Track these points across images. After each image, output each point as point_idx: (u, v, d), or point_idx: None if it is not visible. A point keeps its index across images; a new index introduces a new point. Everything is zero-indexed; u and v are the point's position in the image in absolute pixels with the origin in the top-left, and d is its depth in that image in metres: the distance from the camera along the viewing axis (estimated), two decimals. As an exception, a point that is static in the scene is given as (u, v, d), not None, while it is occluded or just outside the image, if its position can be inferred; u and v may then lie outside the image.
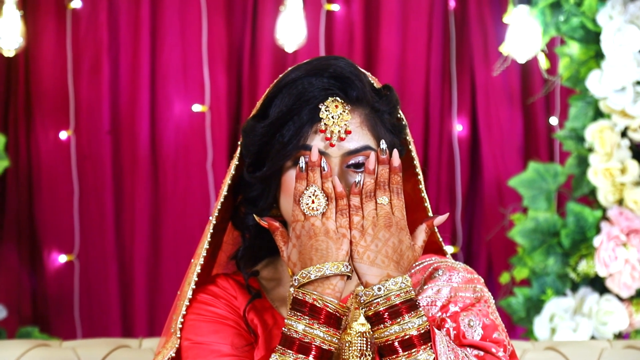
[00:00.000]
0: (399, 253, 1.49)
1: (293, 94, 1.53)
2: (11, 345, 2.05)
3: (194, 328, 1.62)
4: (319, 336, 1.45)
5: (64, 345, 2.11)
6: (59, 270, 3.50)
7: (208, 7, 3.49)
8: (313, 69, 1.54)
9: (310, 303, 1.45)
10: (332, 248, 1.47)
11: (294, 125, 1.52)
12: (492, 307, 1.62)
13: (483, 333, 1.56)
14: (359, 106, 1.55)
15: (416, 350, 1.44)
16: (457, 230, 3.58)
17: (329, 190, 1.49)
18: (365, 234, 1.48)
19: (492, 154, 3.55)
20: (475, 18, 3.53)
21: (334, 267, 1.46)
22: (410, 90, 3.57)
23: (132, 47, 3.50)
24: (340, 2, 3.55)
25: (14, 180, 3.48)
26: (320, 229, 1.47)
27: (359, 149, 1.54)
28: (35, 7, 3.45)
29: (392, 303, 1.45)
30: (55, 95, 3.49)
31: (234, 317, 1.64)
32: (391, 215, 1.49)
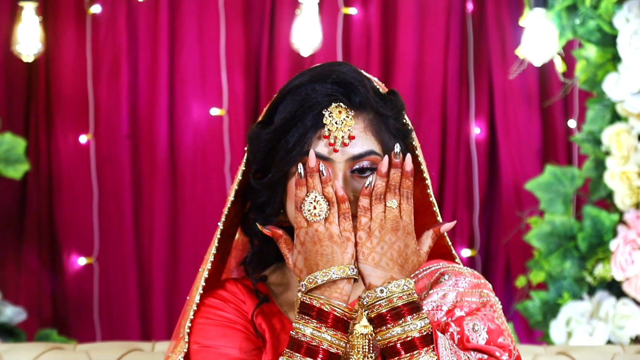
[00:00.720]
0: (404, 257, 1.50)
1: (297, 100, 1.54)
2: (25, 348, 2.08)
3: (202, 332, 1.64)
4: (327, 339, 1.46)
5: (78, 348, 2.14)
6: (78, 273, 3.53)
7: (226, 11, 3.51)
8: (316, 75, 1.55)
9: (317, 307, 1.47)
10: (338, 252, 1.48)
11: (298, 132, 1.53)
12: (498, 312, 1.62)
13: (488, 337, 1.56)
14: (362, 111, 1.56)
15: (418, 352, 1.46)
16: (475, 233, 3.58)
17: (330, 194, 1.50)
18: (371, 235, 1.50)
19: (509, 157, 3.54)
20: (492, 21, 3.52)
21: (340, 271, 1.48)
22: (428, 93, 3.57)
23: (150, 51, 3.53)
24: (358, 5, 3.56)
25: (34, 183, 3.52)
26: (324, 234, 1.48)
27: (363, 154, 1.54)
28: (55, 13, 3.49)
29: (394, 305, 1.46)
30: (75, 99, 3.52)
31: (243, 322, 1.65)
32: (399, 219, 1.50)
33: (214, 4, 3.52)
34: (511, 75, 3.28)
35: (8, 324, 3.14)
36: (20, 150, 3.32)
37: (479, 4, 3.56)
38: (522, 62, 3.18)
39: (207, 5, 3.53)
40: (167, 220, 3.54)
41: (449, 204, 3.56)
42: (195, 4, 3.53)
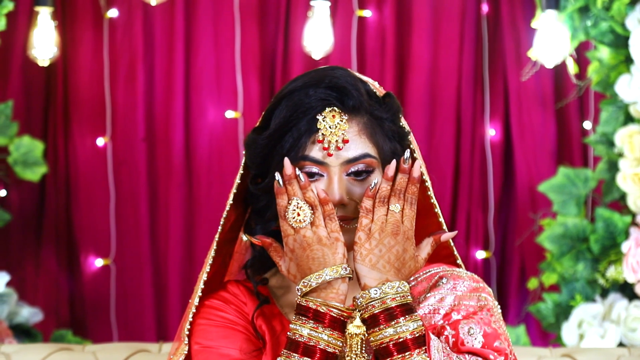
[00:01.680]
0: (402, 261, 1.52)
1: (291, 105, 1.56)
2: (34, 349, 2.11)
3: (204, 332, 1.66)
4: (324, 339, 1.49)
5: (86, 349, 2.17)
6: (95, 274, 3.57)
7: (241, 14, 3.54)
8: (310, 80, 1.57)
9: (313, 309, 1.49)
10: (328, 254, 1.50)
11: (292, 136, 1.55)
12: (495, 316, 1.63)
13: (484, 341, 1.57)
14: (356, 115, 1.57)
15: (410, 353, 1.48)
16: (490, 235, 3.57)
17: (312, 199, 1.52)
18: (371, 237, 1.52)
19: (524, 158, 3.54)
20: (507, 22, 3.52)
21: (333, 272, 1.50)
22: (442, 95, 3.57)
23: (166, 54, 3.56)
24: (372, 8, 3.57)
25: (52, 186, 3.56)
26: (312, 238, 1.50)
27: (357, 157, 1.56)
28: (73, 17, 3.53)
29: (387, 306, 1.48)
30: (93, 102, 3.56)
31: (243, 323, 1.67)
32: (400, 224, 1.52)
33: (229, 7, 3.54)
34: (523, 77, 3.27)
35: (24, 325, 3.18)
36: (38, 153, 3.36)
37: (494, 5, 3.56)
38: (534, 64, 3.18)
39: (223, 8, 3.55)
40: (182, 222, 3.57)
41: (463, 205, 3.56)
42: (211, 7, 3.55)
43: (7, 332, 3.03)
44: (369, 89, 1.62)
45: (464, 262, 3.49)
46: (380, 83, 3.57)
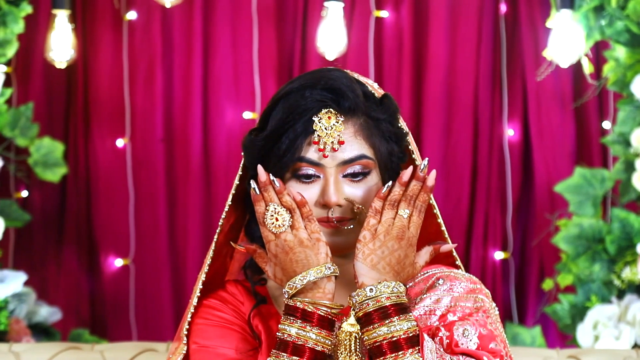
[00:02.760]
0: (401, 265, 1.53)
1: (287, 107, 1.57)
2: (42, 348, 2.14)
3: (201, 332, 1.68)
4: (312, 338, 1.50)
5: (95, 348, 2.19)
6: (115, 274, 3.60)
7: (259, 16, 3.56)
8: (307, 81, 1.58)
9: (301, 308, 1.50)
10: (311, 255, 1.51)
11: (289, 138, 1.56)
12: (492, 318, 1.62)
13: (479, 343, 1.56)
14: (352, 116, 1.57)
15: (403, 352, 1.48)
16: (508, 236, 3.56)
17: (289, 203, 1.53)
18: (376, 238, 1.52)
19: (543, 159, 3.52)
20: (526, 22, 3.50)
21: (317, 272, 1.51)
22: (460, 95, 3.56)
23: (185, 56, 3.59)
24: (389, 8, 3.57)
25: (73, 187, 3.60)
26: (293, 241, 1.52)
27: (353, 159, 1.57)
28: (93, 20, 3.57)
29: (381, 305, 1.49)
30: (112, 104, 3.60)
31: (240, 322, 1.68)
32: (406, 229, 1.53)
33: (247, 9, 3.56)
34: (539, 77, 3.26)
35: (43, 324, 3.22)
36: (58, 154, 3.40)
37: (512, 5, 3.54)
38: (550, 64, 3.16)
39: (241, 10, 3.57)
40: (201, 223, 3.59)
41: (481, 206, 3.55)
42: (229, 9, 3.58)
43: (26, 331, 3.07)
44: (366, 90, 1.62)
45: (482, 262, 3.51)
46: (397, 83, 3.61)
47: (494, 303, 1.68)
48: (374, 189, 1.58)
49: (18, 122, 3.34)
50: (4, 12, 3.05)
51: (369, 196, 1.58)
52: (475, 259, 3.53)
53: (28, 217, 3.36)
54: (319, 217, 1.57)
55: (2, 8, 3.05)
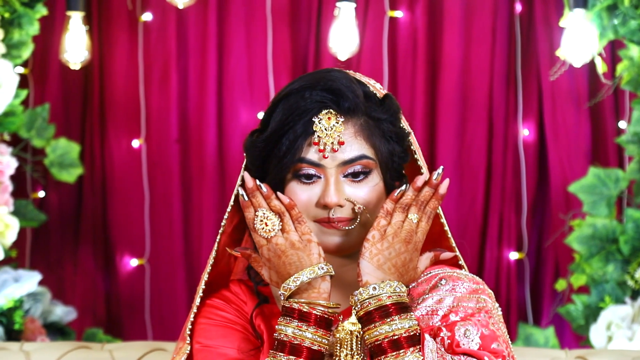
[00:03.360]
0: (405, 269, 1.54)
1: (287, 108, 1.58)
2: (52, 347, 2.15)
3: (204, 332, 1.69)
4: (308, 337, 1.51)
5: (105, 347, 2.21)
6: (130, 274, 3.62)
7: (273, 17, 3.56)
8: (307, 82, 1.58)
9: (297, 309, 1.51)
10: (303, 256, 1.53)
11: (289, 139, 1.56)
12: (494, 318, 1.62)
13: (481, 343, 1.56)
14: (352, 116, 1.58)
15: (404, 351, 1.49)
16: (523, 236, 3.55)
17: (277, 207, 1.55)
18: (384, 238, 1.53)
19: (558, 158, 3.51)
20: (541, 22, 3.49)
21: (310, 272, 1.52)
22: (474, 95, 3.56)
23: (199, 57, 3.60)
24: (404, 8, 3.57)
25: (89, 187, 3.63)
26: (284, 244, 1.53)
27: (354, 159, 1.57)
28: (109, 21, 3.59)
29: (382, 303, 1.50)
30: (128, 105, 3.62)
31: (242, 322, 1.69)
32: (414, 234, 1.55)
33: (262, 9, 3.57)
34: (552, 76, 3.25)
35: (58, 323, 3.25)
36: (74, 154, 3.43)
37: (527, 4, 3.53)
38: (563, 64, 3.15)
39: (255, 11, 3.58)
40: (215, 223, 3.61)
41: (495, 206, 3.54)
42: (243, 10, 3.59)
43: (40, 331, 3.10)
44: (367, 91, 1.62)
45: (497, 263, 3.50)
46: (412, 83, 3.60)
47: (497, 303, 1.68)
48: (375, 189, 1.59)
49: (34, 123, 3.37)
50: (19, 14, 3.08)
51: (370, 196, 1.59)
52: (490, 259, 3.52)
53: (44, 217, 3.38)
54: (319, 217, 1.58)
55: (17, 10, 3.07)
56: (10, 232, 2.98)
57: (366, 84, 1.64)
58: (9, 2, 3.05)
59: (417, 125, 3.56)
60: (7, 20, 3.07)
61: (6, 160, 3.03)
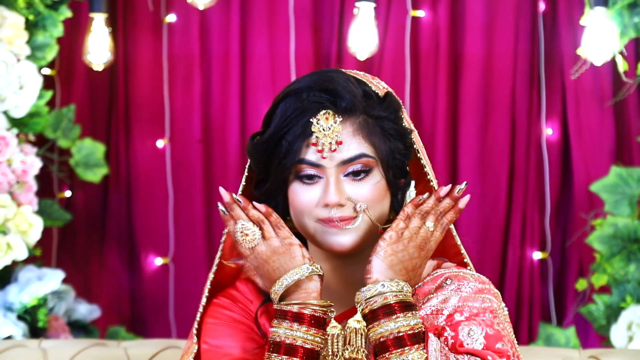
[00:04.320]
0: (414, 273, 1.57)
1: (286, 109, 1.59)
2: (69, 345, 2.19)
3: (210, 331, 1.71)
4: (300, 337, 1.53)
5: (121, 345, 2.24)
6: (155, 273, 3.66)
7: (296, 17, 3.58)
8: (304, 83, 1.60)
9: (288, 311, 1.54)
10: (286, 260, 1.56)
11: (288, 140, 1.58)
12: (499, 318, 1.63)
13: (485, 343, 1.57)
14: (351, 116, 1.59)
15: (408, 348, 1.50)
16: (546, 236, 3.53)
17: (256, 216, 1.58)
18: (400, 241, 1.56)
19: (582, 158, 3.49)
20: (564, 20, 3.47)
21: (294, 274, 1.55)
22: (497, 94, 3.55)
23: (222, 58, 3.63)
24: (426, 8, 3.57)
25: (114, 187, 3.67)
26: (267, 252, 1.56)
27: (353, 158, 1.58)
28: (134, 23, 3.63)
29: (387, 302, 1.52)
30: (152, 105, 3.65)
31: (247, 321, 1.71)
32: (428, 242, 1.58)
33: (284, 10, 3.59)
34: (573, 75, 3.23)
35: (82, 321, 3.29)
36: (99, 155, 3.47)
37: (550, 3, 3.51)
38: (584, 62, 3.13)
39: (277, 11, 3.60)
40: (237, 223, 3.62)
41: (518, 205, 3.53)
42: (266, 10, 3.61)
43: (64, 328, 3.14)
44: (366, 89, 1.62)
45: (519, 263, 3.48)
46: (434, 83, 3.60)
47: (504, 303, 1.69)
48: (377, 187, 1.60)
49: (60, 123, 3.41)
50: (43, 16, 3.13)
51: (372, 194, 1.60)
52: (512, 259, 3.51)
53: (69, 216, 3.43)
54: (321, 217, 1.59)
55: (41, 12, 3.12)
56: (34, 231, 3.02)
57: (367, 82, 1.65)
58: (33, 5, 3.09)
59: (439, 125, 3.56)
60: (31, 23, 3.12)
61: (30, 161, 3.07)
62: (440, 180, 3.56)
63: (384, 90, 1.67)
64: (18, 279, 3.09)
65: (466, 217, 3.52)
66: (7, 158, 3.01)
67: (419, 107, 3.59)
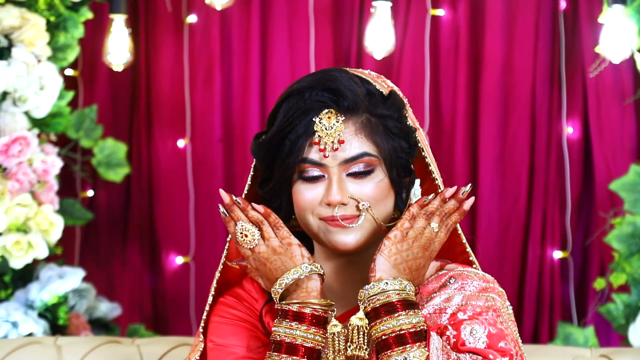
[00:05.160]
0: (418, 273, 1.58)
1: (289, 109, 1.61)
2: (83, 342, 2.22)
3: (216, 330, 1.73)
4: (299, 335, 1.55)
5: (135, 342, 2.26)
6: (176, 272, 3.69)
7: (315, 17, 3.59)
8: (307, 83, 1.61)
9: (288, 310, 1.56)
10: (286, 260, 1.57)
11: (290, 140, 1.59)
12: (503, 317, 1.63)
13: (488, 342, 1.58)
14: (353, 115, 1.60)
15: (410, 346, 1.51)
16: (567, 235, 3.51)
17: (255, 217, 1.59)
18: (405, 240, 1.57)
19: (603, 156, 3.46)
20: (585, 18, 3.45)
21: (293, 274, 1.56)
22: (517, 93, 3.53)
23: (243, 57, 3.65)
24: (446, 6, 3.56)
25: (137, 186, 3.70)
26: (267, 252, 1.58)
27: (355, 157, 1.59)
28: (155, 24, 3.66)
29: (390, 300, 1.53)
30: (173, 105, 3.68)
31: (252, 320, 1.73)
32: (432, 242, 1.59)
33: (304, 10, 3.60)
34: (592, 73, 3.21)
35: (103, 319, 3.32)
36: (121, 154, 3.50)
37: (571, 1, 3.49)
38: (603, 60, 3.11)
39: (297, 11, 3.61)
40: (257, 222, 3.64)
41: (538, 204, 3.51)
42: (286, 10, 3.62)
43: (85, 326, 3.18)
44: (370, 88, 1.63)
45: (539, 262, 3.46)
46: (454, 82, 3.59)
47: (509, 302, 1.69)
48: (380, 186, 1.61)
49: (82, 123, 3.45)
50: (64, 17, 3.16)
51: (375, 193, 1.60)
52: (532, 258, 3.50)
53: (90, 215, 3.46)
54: (325, 216, 1.60)
55: (62, 14, 3.15)
56: (55, 230, 3.06)
57: (371, 81, 1.65)
58: (55, 6, 3.13)
59: (459, 124, 3.55)
60: (52, 24, 3.15)
61: (51, 160, 3.11)
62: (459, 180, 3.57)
63: (389, 88, 1.67)
64: (39, 277, 3.13)
65: (486, 216, 3.51)
66: (27, 158, 3.04)
67: (439, 106, 3.59)
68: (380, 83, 1.67)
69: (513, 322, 1.67)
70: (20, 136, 3.00)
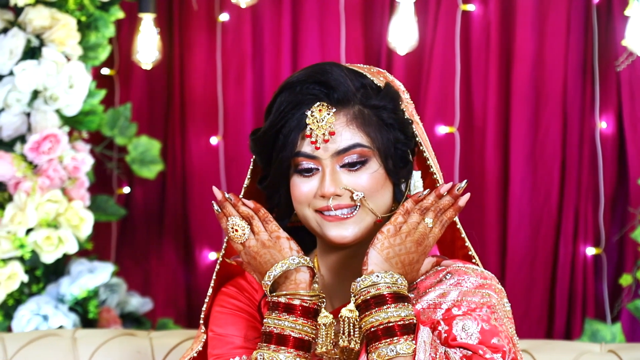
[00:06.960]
0: (411, 268, 1.59)
1: (282, 102, 1.63)
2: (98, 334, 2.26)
3: (216, 319, 1.77)
4: (287, 326, 1.57)
5: (150, 334, 2.30)
6: (209, 267, 3.73)
7: (346, 14, 3.60)
8: (299, 77, 1.63)
9: (277, 302, 1.58)
10: (275, 253, 1.59)
11: (284, 134, 1.62)
12: (498, 314, 1.63)
13: (481, 338, 1.58)
14: (344, 107, 1.61)
15: (397, 339, 1.52)
16: (600, 231, 3.47)
17: (245, 212, 1.61)
18: (398, 234, 1.58)
19: (637, 151, 3.42)
20: (619, 11, 3.40)
21: (281, 266, 1.58)
22: (548, 88, 3.50)
23: (274, 55, 3.67)
24: (476, 2, 3.55)
25: (171, 183, 3.75)
26: (256, 246, 1.60)
27: (347, 148, 1.61)
28: (189, 23, 3.71)
29: (380, 292, 1.55)
30: (206, 103, 3.72)
31: (251, 310, 1.76)
32: (426, 237, 1.60)
33: (335, 6, 3.61)
34: (618, 67, 3.17)
35: (135, 313, 3.38)
36: (155, 151, 3.55)
37: (605, -5, 3.45)
38: (630, 54, 3.07)
39: (328, 8, 3.63)
40: (288, 217, 3.66)
41: (570, 201, 3.47)
42: (317, 8, 3.64)
43: (116, 320, 3.23)
44: (365, 82, 1.64)
45: (572, 258, 3.41)
46: (485, 77, 3.57)
47: (507, 299, 1.68)
48: (375, 176, 1.62)
49: (117, 121, 3.50)
50: (95, 17, 3.22)
51: (369, 184, 1.62)
52: (564, 254, 3.46)
53: (123, 212, 3.52)
54: (320, 207, 1.62)
55: (93, 14, 3.21)
56: (85, 226, 3.12)
57: (368, 75, 1.66)
58: (85, 6, 3.19)
59: (490, 120, 3.53)
60: (83, 24, 3.21)
61: (81, 157, 3.16)
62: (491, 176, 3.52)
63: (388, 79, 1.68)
64: (70, 271, 3.19)
65: (517, 212, 3.48)
66: (58, 155, 3.10)
67: (470, 101, 3.57)
68: (378, 77, 1.67)
69: (510, 320, 1.67)
70: (50, 134, 3.06)
